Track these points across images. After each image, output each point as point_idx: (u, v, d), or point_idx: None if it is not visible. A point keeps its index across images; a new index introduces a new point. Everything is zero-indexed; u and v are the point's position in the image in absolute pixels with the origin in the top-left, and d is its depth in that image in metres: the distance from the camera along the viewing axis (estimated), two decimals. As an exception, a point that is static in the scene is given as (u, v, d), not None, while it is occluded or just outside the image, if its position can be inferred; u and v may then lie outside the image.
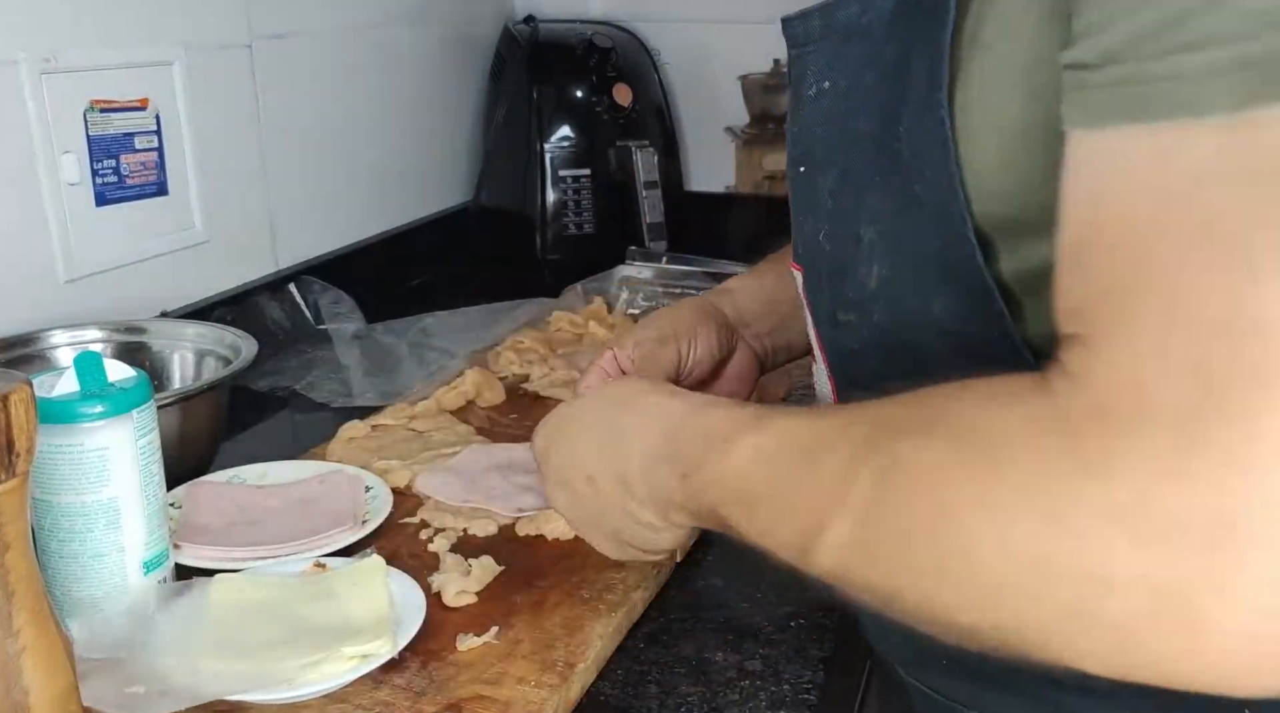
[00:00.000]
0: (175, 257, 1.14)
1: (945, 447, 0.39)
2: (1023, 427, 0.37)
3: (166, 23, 1.10)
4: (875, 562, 0.42)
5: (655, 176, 1.56)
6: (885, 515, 0.41)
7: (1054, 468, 0.36)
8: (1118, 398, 0.34)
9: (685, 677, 0.64)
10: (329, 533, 0.74)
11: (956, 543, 0.38)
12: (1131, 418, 0.34)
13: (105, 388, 0.63)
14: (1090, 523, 0.34)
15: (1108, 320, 0.35)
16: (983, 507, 0.37)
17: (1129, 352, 0.34)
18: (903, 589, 0.41)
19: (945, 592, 0.39)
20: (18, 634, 0.49)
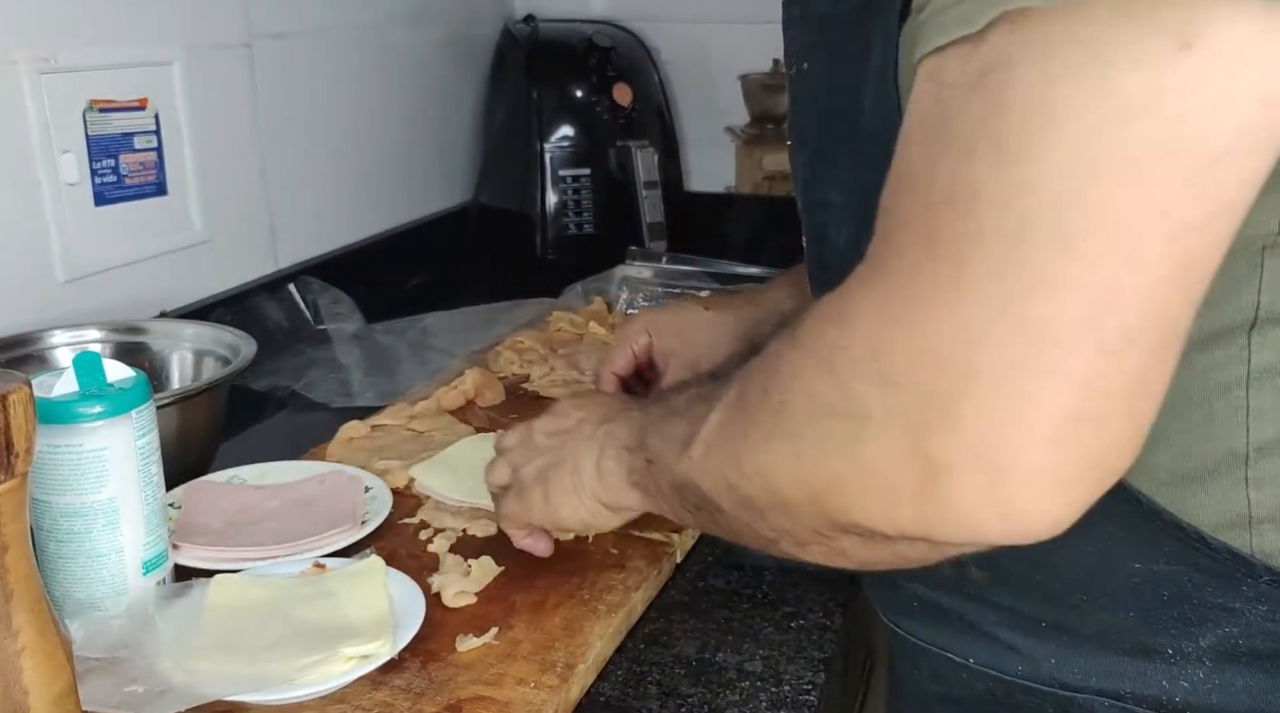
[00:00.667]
0: (174, 257, 1.14)
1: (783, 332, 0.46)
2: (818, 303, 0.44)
3: (166, 23, 1.10)
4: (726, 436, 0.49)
5: (655, 177, 1.56)
6: (730, 410, 0.49)
7: (824, 329, 0.42)
8: (871, 264, 0.40)
9: (685, 677, 0.64)
10: (328, 533, 0.74)
11: (771, 407, 0.45)
12: (872, 277, 0.40)
13: (104, 388, 0.63)
14: (847, 367, 0.40)
15: (882, 210, 0.41)
16: (786, 364, 0.44)
17: (883, 227, 0.40)
18: (740, 458, 0.47)
19: (769, 448, 0.45)
20: (17, 634, 0.49)
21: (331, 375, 1.12)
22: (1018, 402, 0.36)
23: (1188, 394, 0.47)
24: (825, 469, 0.42)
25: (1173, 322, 0.36)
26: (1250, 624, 0.48)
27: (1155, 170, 0.34)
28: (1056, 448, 0.36)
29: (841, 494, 0.42)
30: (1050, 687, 0.54)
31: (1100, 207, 0.34)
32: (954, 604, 0.57)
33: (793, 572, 0.75)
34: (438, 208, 1.62)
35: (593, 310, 1.25)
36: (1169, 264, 0.35)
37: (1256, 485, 0.47)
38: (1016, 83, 0.35)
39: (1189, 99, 0.34)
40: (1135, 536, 0.49)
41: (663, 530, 0.76)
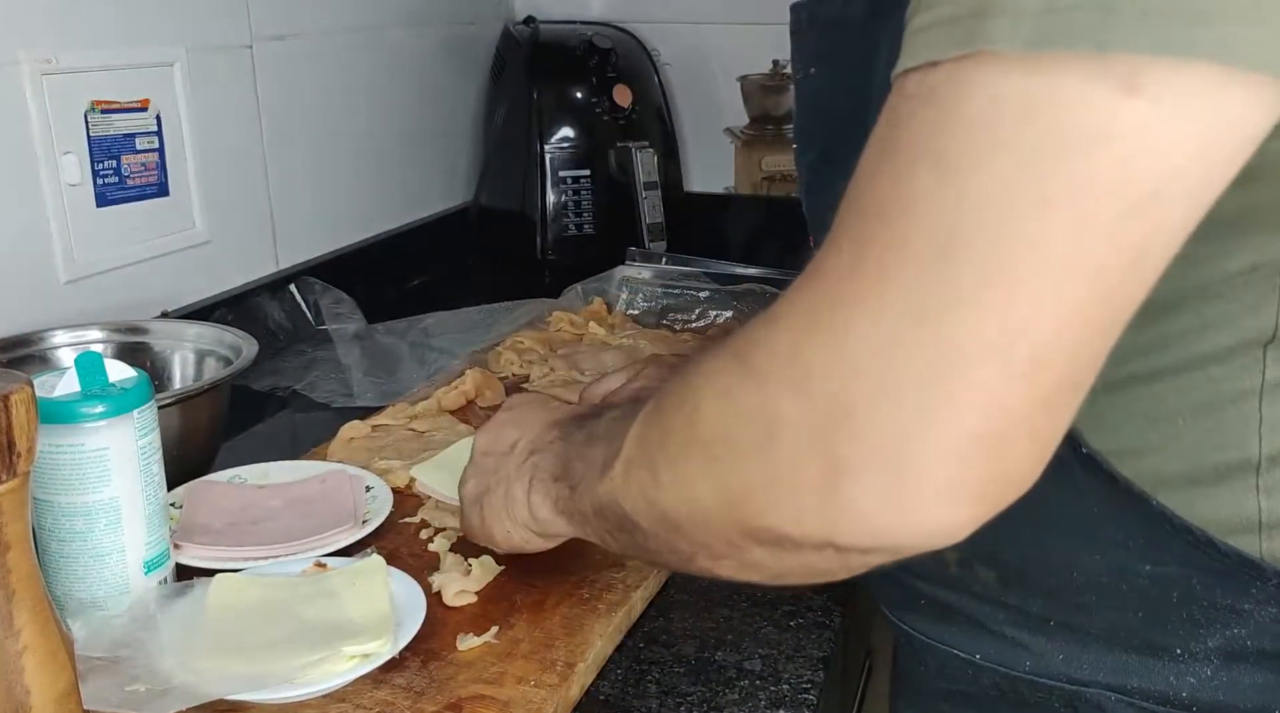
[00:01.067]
0: (176, 257, 1.14)
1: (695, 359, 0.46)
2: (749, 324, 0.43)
3: (167, 24, 1.10)
4: (643, 453, 0.49)
5: (655, 177, 1.56)
6: (648, 423, 0.49)
7: (749, 332, 0.42)
8: (807, 269, 0.40)
9: (685, 677, 0.64)
10: (329, 533, 0.74)
11: (687, 413, 0.45)
12: (804, 282, 0.40)
13: (106, 388, 0.63)
14: (767, 363, 0.40)
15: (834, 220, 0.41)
16: (703, 369, 0.44)
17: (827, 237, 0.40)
18: (659, 472, 0.47)
19: (684, 457, 0.45)
20: (19, 634, 0.49)
21: (332, 376, 1.13)
22: (924, 414, 0.36)
23: (1199, 404, 0.48)
24: (740, 473, 0.42)
25: (1084, 354, 0.37)
26: (1259, 626, 0.49)
27: (1094, 207, 0.34)
28: (958, 462, 0.37)
29: (753, 498, 0.42)
30: (1058, 681, 0.54)
31: (1034, 235, 0.35)
32: (961, 603, 0.57)
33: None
34: (438, 209, 1.62)
35: (592, 311, 1.25)
36: (1089, 298, 0.36)
37: (1268, 493, 0.48)
38: (967, 100, 0.35)
39: (1133, 141, 0.34)
40: (1145, 539, 0.49)
41: (662, 530, 0.76)
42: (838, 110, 0.54)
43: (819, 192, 0.58)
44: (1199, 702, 0.51)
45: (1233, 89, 0.34)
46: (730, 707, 0.62)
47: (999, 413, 0.36)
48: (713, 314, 1.25)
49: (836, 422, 0.38)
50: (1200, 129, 0.34)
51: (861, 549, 0.41)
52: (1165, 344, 0.47)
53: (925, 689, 0.62)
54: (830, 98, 0.55)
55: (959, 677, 0.59)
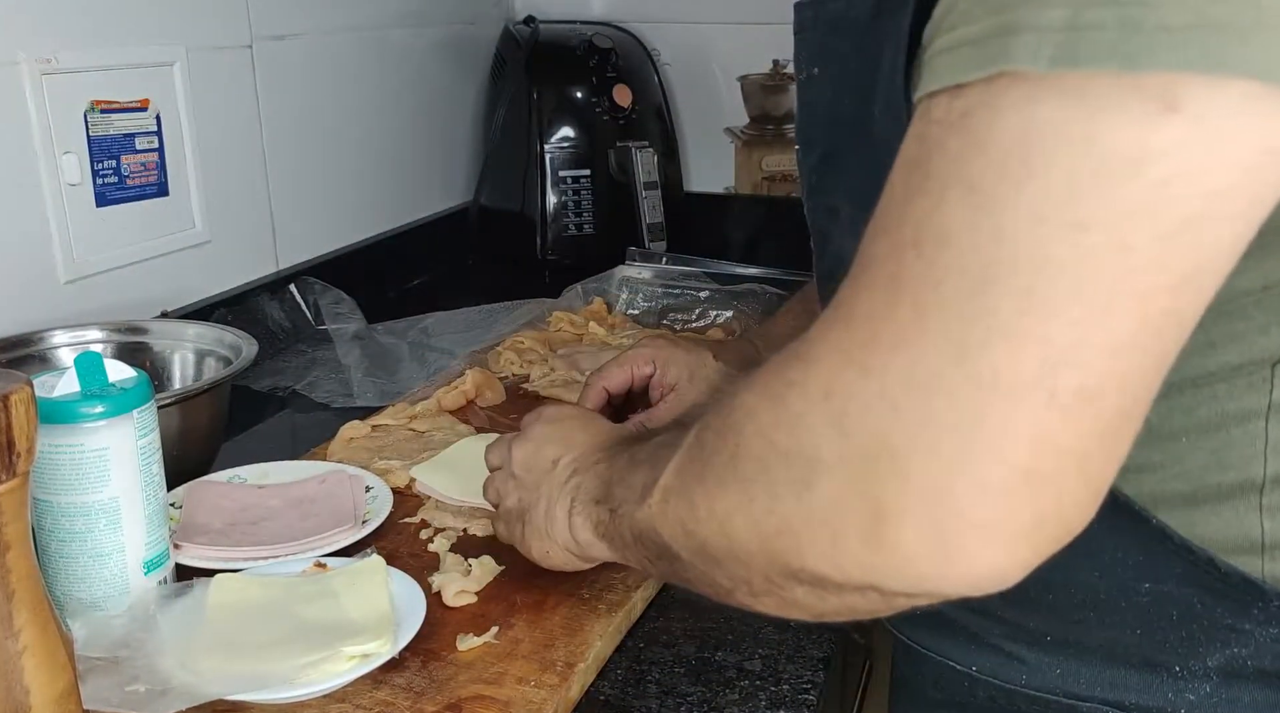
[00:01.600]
0: (176, 257, 1.14)
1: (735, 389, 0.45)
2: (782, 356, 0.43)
3: (167, 24, 1.10)
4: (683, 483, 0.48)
5: (655, 177, 1.56)
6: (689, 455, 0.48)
7: (784, 370, 0.41)
8: (838, 304, 0.40)
9: (685, 677, 0.64)
10: (329, 533, 0.74)
11: (727, 451, 0.44)
12: (836, 317, 0.39)
13: (106, 388, 0.63)
14: (802, 405, 0.39)
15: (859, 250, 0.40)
16: (740, 405, 0.44)
17: (855, 267, 0.39)
18: (697, 504, 0.46)
19: (722, 494, 0.45)
20: (19, 634, 0.49)
21: (332, 376, 1.13)
22: (967, 452, 0.35)
23: (1203, 423, 0.47)
24: (776, 514, 0.41)
25: (1135, 383, 0.36)
26: (1259, 645, 0.48)
27: (1134, 232, 0.33)
28: (1004, 501, 0.35)
29: (792, 539, 0.41)
30: (1055, 695, 0.54)
31: (1072, 263, 0.34)
32: (958, 615, 0.56)
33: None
34: (438, 209, 1.62)
35: (592, 311, 1.25)
36: (1137, 325, 0.34)
37: (1271, 514, 0.47)
38: (998, 126, 0.35)
39: (1174, 162, 0.33)
40: (1145, 557, 0.49)
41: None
42: (840, 112, 0.54)
43: (821, 193, 0.58)
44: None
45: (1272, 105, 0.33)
46: (730, 707, 0.62)
47: (1046, 449, 0.35)
48: (713, 314, 1.25)
49: (877, 463, 0.37)
50: (1245, 148, 0.33)
51: (905, 593, 0.40)
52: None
53: (922, 699, 0.62)
54: (832, 99, 0.55)
55: (955, 688, 0.58)
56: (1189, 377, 0.47)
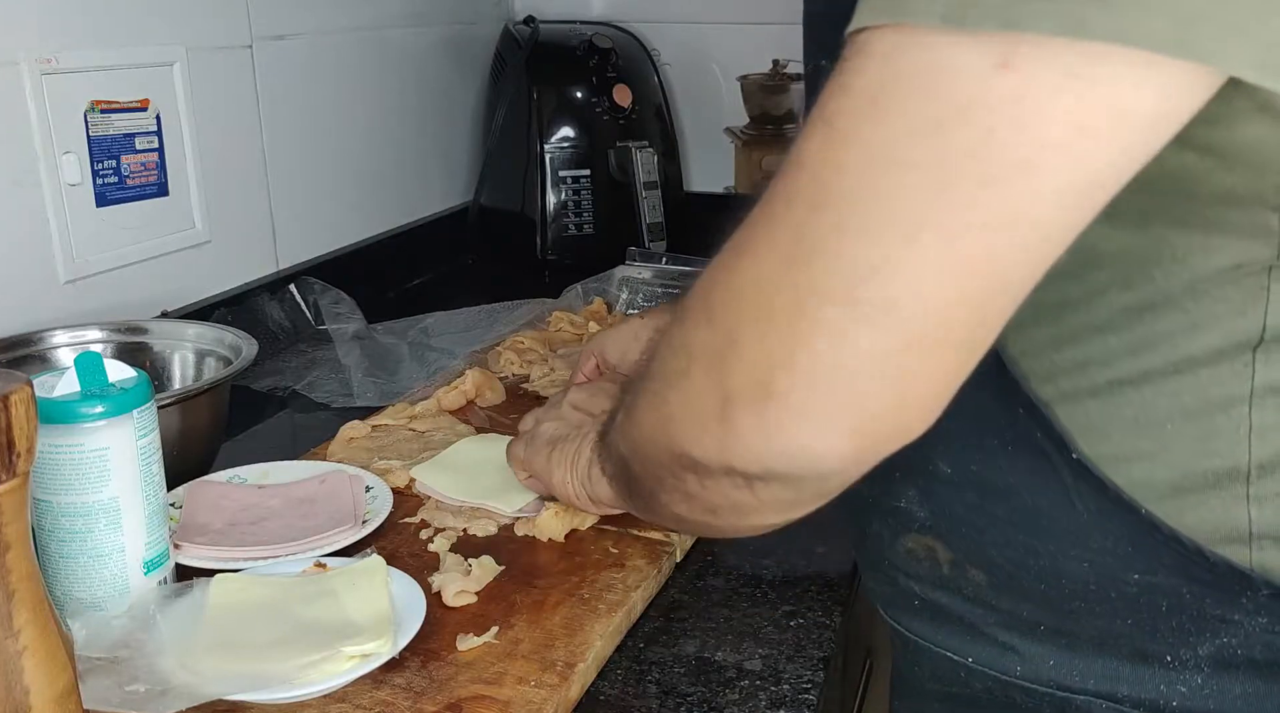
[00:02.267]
0: (176, 257, 1.14)
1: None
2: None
3: (167, 24, 1.10)
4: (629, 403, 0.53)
5: (655, 177, 1.56)
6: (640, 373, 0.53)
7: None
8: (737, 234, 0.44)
9: (685, 677, 0.64)
10: (329, 533, 0.74)
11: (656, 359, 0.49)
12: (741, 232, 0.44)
13: (106, 388, 0.63)
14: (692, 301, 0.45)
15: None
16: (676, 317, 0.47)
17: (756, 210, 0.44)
18: (634, 411, 0.52)
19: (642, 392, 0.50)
20: (18, 634, 0.49)
21: (332, 376, 1.13)
22: (785, 346, 0.40)
23: (1188, 409, 0.47)
24: (665, 400, 0.47)
25: (944, 313, 0.39)
26: (1249, 635, 0.49)
27: (954, 173, 0.37)
28: (814, 390, 0.40)
29: (671, 422, 0.47)
30: (1048, 688, 0.54)
31: (889, 196, 0.38)
32: (954, 605, 0.57)
33: (793, 572, 0.75)
34: (438, 208, 1.62)
35: (593, 311, 1.25)
36: (947, 256, 0.38)
37: (1258, 502, 0.47)
38: (860, 71, 0.39)
39: (999, 115, 0.36)
40: (1135, 547, 0.49)
41: (662, 530, 0.76)
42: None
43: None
44: (1189, 710, 0.51)
45: (1125, 68, 0.35)
46: (730, 707, 0.62)
47: (849, 350, 0.39)
48: (713, 314, 1.24)
49: (726, 351, 0.42)
50: (1078, 107, 0.35)
51: (758, 476, 0.45)
52: (1153, 344, 0.47)
53: (920, 691, 0.62)
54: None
55: (952, 679, 0.59)
56: (1173, 361, 0.47)
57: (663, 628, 0.69)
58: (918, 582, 0.58)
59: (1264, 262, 0.45)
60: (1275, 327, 0.46)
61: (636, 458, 0.54)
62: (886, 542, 0.59)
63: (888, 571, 0.60)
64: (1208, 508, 0.48)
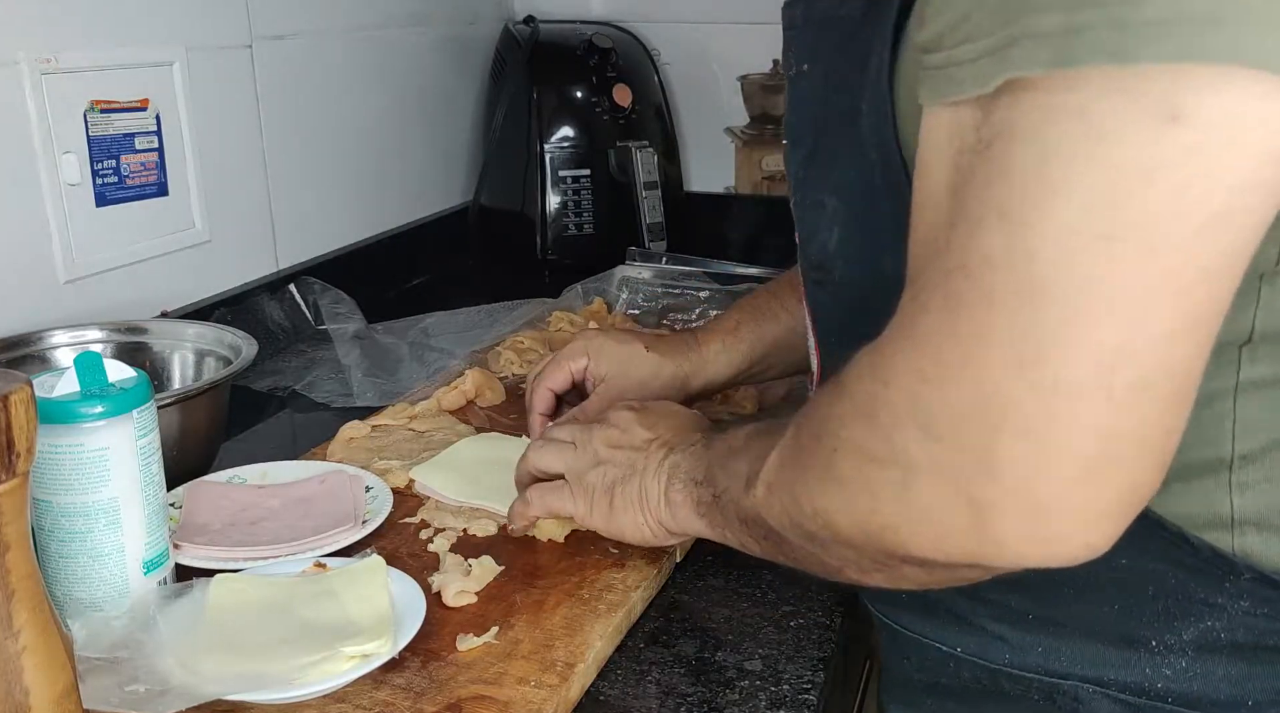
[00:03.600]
0: (175, 257, 1.14)
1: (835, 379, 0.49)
2: (861, 355, 0.46)
3: (167, 23, 1.10)
4: (785, 478, 0.53)
5: (655, 177, 1.56)
6: (788, 454, 0.53)
7: (865, 384, 0.45)
8: (903, 322, 0.43)
9: (685, 677, 0.64)
10: (329, 533, 0.74)
11: (824, 454, 0.48)
12: (904, 337, 0.43)
13: (105, 388, 0.63)
14: (889, 419, 0.43)
15: (911, 268, 0.44)
16: (836, 415, 0.47)
17: (912, 287, 0.43)
18: (799, 499, 0.51)
19: (824, 492, 0.49)
20: (18, 634, 0.49)
21: (332, 376, 1.13)
22: (1042, 450, 0.39)
23: None
24: (879, 513, 0.45)
25: (1183, 369, 0.39)
26: (1232, 619, 0.50)
27: (1156, 236, 0.36)
28: (1083, 487, 0.39)
29: (897, 534, 0.45)
30: (1036, 674, 0.55)
31: (1104, 272, 0.37)
32: (943, 597, 0.57)
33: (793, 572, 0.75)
34: (438, 208, 1.62)
35: (593, 311, 1.25)
36: (1175, 318, 0.37)
37: (1240, 491, 0.49)
38: (1016, 154, 0.38)
39: (1184, 170, 0.35)
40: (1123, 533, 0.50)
41: (663, 530, 0.76)
42: (829, 108, 0.55)
43: (808, 187, 0.59)
44: (1174, 693, 0.52)
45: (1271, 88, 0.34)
46: (730, 707, 0.62)
47: (1111, 439, 0.38)
48: (713, 314, 1.25)
49: (967, 467, 0.41)
50: (1255, 143, 0.35)
51: (1009, 567, 0.44)
52: None
53: (909, 682, 0.63)
54: (822, 96, 0.56)
55: (940, 670, 0.60)
56: None
57: (663, 628, 0.69)
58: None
59: (1259, 268, 0.45)
60: (1264, 328, 0.47)
61: (811, 541, 0.52)
62: None
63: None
64: (1190, 495, 0.49)
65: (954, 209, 0.41)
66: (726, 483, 0.60)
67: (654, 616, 0.71)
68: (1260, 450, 0.48)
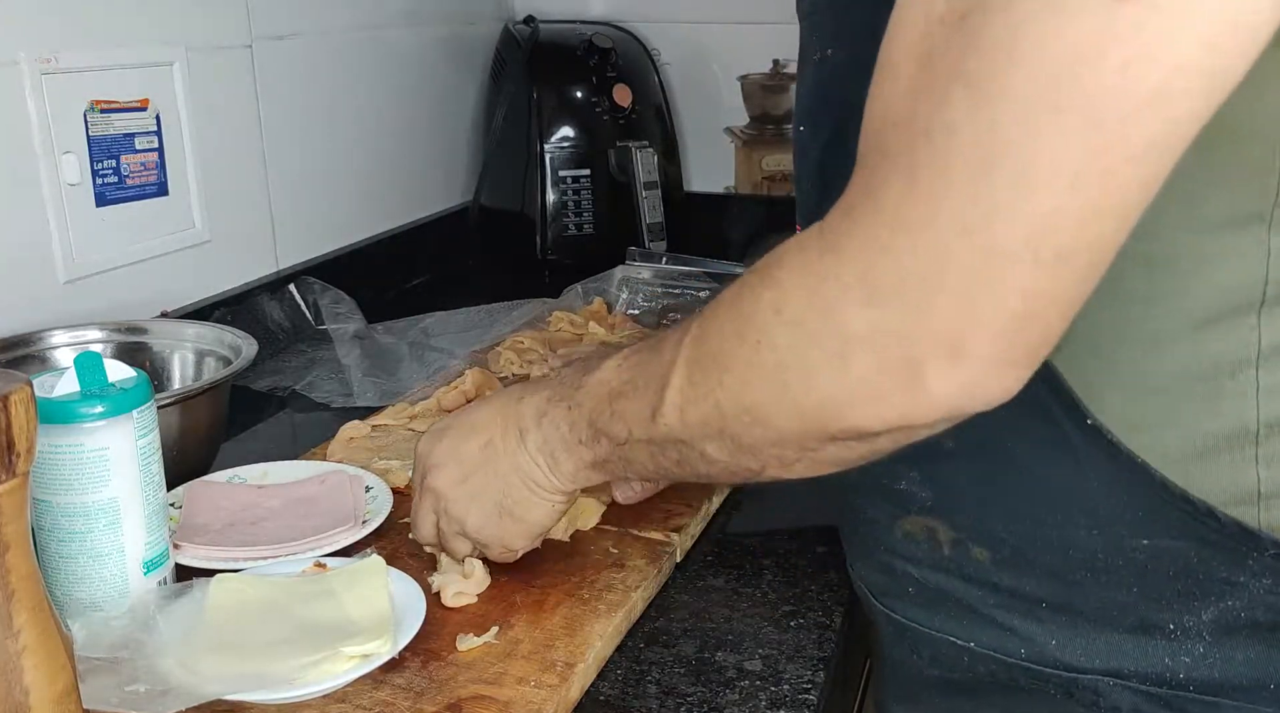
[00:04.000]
0: (175, 257, 1.14)
1: (739, 285, 0.50)
2: (794, 244, 0.47)
3: (167, 23, 1.10)
4: (701, 391, 0.51)
5: (655, 177, 1.56)
6: (702, 348, 0.51)
7: (809, 258, 0.46)
8: (858, 193, 0.44)
9: (685, 677, 0.64)
10: (329, 533, 0.74)
11: (751, 339, 0.48)
12: (862, 207, 0.44)
13: (105, 388, 0.63)
14: (837, 291, 0.44)
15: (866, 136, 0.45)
16: (766, 303, 0.47)
17: (870, 158, 0.44)
18: (722, 404, 0.50)
19: (750, 386, 0.49)
20: (18, 634, 0.49)
21: (332, 376, 1.13)
22: (974, 307, 0.42)
23: (1196, 372, 0.49)
24: (814, 390, 0.46)
25: (1099, 245, 0.41)
26: (1253, 597, 0.50)
27: (1100, 111, 0.38)
28: (1006, 338, 0.42)
29: (834, 408, 0.46)
30: (1054, 668, 0.55)
31: (1051, 145, 0.38)
32: (952, 587, 0.57)
33: (793, 572, 0.75)
34: (438, 208, 1.62)
35: (592, 311, 1.25)
36: (1103, 194, 0.39)
37: (1266, 463, 0.49)
38: (987, 26, 0.39)
39: (1130, 46, 0.37)
40: (1145, 511, 0.50)
41: (663, 530, 0.76)
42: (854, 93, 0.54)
43: (833, 173, 0.58)
44: (1194, 681, 0.51)
45: None
46: (730, 707, 0.62)
47: (1034, 297, 0.41)
48: (713, 314, 1.24)
49: (906, 326, 0.43)
50: (1202, 27, 0.36)
51: (931, 424, 0.46)
52: (1158, 302, 0.48)
53: (916, 679, 0.62)
54: (845, 80, 0.55)
55: (954, 664, 0.59)
56: (1179, 323, 0.48)
57: (663, 628, 0.69)
58: (915, 566, 0.59)
59: (1261, 211, 0.46)
60: (1278, 284, 0.47)
61: (737, 448, 0.51)
62: (884, 526, 0.59)
63: (883, 557, 0.60)
64: (1217, 470, 0.49)
65: (919, 79, 0.41)
66: (626, 426, 0.57)
67: (654, 616, 0.71)
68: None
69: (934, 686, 0.61)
